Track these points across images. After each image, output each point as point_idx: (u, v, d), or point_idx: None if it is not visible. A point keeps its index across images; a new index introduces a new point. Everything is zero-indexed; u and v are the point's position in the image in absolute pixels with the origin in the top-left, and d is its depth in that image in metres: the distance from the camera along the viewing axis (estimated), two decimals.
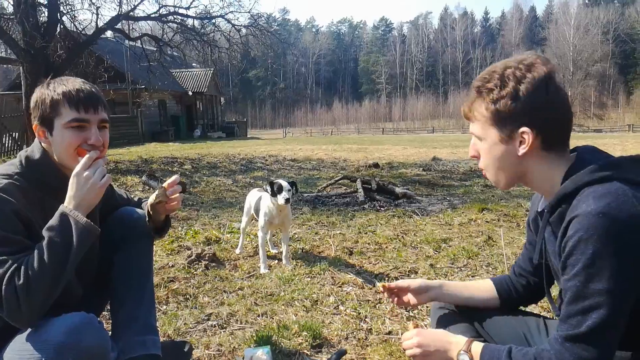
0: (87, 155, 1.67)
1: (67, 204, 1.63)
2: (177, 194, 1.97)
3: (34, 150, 1.75)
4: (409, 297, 1.89)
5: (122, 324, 1.98)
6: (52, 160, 1.74)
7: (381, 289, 1.89)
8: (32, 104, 1.75)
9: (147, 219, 2.08)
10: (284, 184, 3.95)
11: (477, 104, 1.42)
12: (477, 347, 1.43)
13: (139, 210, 2.14)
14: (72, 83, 1.75)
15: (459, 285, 1.88)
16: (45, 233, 1.58)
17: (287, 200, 3.90)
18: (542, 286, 1.60)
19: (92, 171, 1.65)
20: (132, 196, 2.30)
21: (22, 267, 1.51)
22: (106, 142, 1.80)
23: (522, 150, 1.38)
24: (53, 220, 1.60)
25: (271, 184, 3.98)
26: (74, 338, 1.52)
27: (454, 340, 1.50)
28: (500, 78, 1.37)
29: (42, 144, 1.76)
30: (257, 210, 4.29)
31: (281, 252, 4.24)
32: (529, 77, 1.33)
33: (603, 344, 1.24)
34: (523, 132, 1.36)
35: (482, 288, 1.83)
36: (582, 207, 1.25)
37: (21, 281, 1.49)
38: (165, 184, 1.97)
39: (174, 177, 1.98)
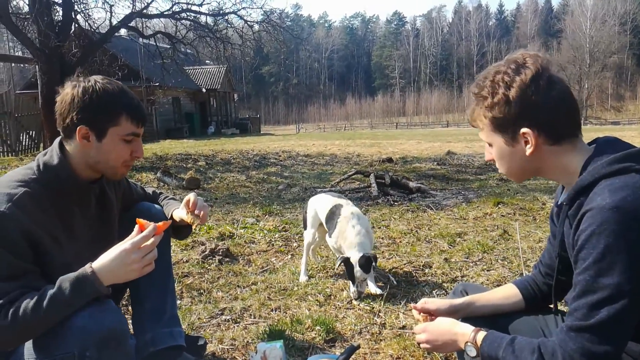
0: (143, 234, 1.58)
1: (97, 269, 1.54)
2: (203, 211, 2.00)
3: (53, 155, 1.72)
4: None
5: (148, 315, 2.04)
6: (70, 165, 1.71)
7: (414, 312, 1.78)
8: (79, 102, 1.65)
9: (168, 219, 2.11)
10: (358, 273, 3.10)
11: (477, 111, 1.44)
12: (481, 335, 1.44)
13: (155, 205, 2.17)
14: (129, 93, 1.75)
15: (484, 298, 1.77)
16: (59, 283, 1.52)
17: (358, 298, 3.14)
18: (567, 282, 1.51)
19: (140, 255, 1.57)
20: (147, 190, 2.32)
21: (13, 308, 1.48)
22: None
23: (528, 150, 1.38)
24: (73, 278, 1.53)
25: (344, 262, 3.17)
26: (95, 321, 1.52)
27: (460, 331, 1.50)
28: (491, 85, 1.38)
29: (66, 146, 1.72)
30: (331, 225, 3.52)
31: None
32: (517, 80, 1.35)
33: (610, 338, 1.21)
34: (524, 133, 1.37)
35: (507, 295, 1.76)
36: (597, 200, 1.22)
37: (8, 320, 1.46)
38: (185, 203, 2.02)
39: (193, 198, 2.01)
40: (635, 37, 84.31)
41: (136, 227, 1.62)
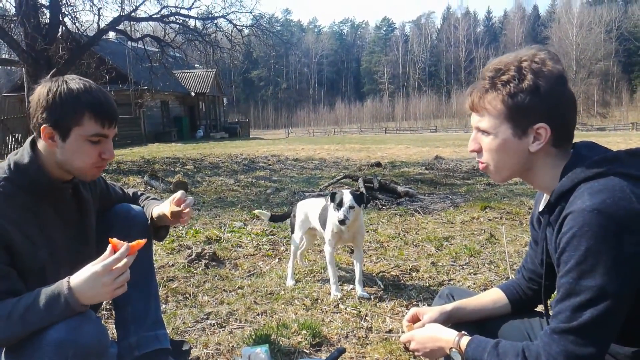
0: (115, 256, 1.51)
1: (74, 286, 1.48)
2: (188, 209, 1.97)
3: (24, 154, 1.68)
4: None
5: (132, 319, 2.00)
6: (41, 164, 1.68)
7: (405, 324, 1.75)
8: (42, 102, 1.62)
9: (148, 219, 2.08)
10: (346, 197, 3.17)
11: (490, 96, 1.34)
12: (465, 340, 1.43)
13: (135, 206, 2.12)
14: (95, 92, 1.66)
15: (474, 303, 1.77)
16: (35, 296, 1.48)
17: (342, 222, 3.14)
18: (553, 287, 1.48)
19: (111, 278, 1.50)
20: (128, 191, 2.29)
21: None
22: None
23: (536, 146, 1.33)
24: (49, 294, 1.48)
25: (332, 195, 3.25)
26: (73, 334, 1.47)
27: (445, 337, 1.50)
28: (518, 71, 1.31)
29: (38, 145, 1.68)
30: (323, 221, 3.49)
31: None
32: (547, 72, 1.30)
33: (593, 340, 1.20)
34: (540, 128, 1.31)
35: (495, 299, 1.75)
36: (577, 204, 1.22)
37: None
38: (172, 199, 1.98)
39: (179, 195, 1.98)
40: (620, 44, 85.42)
41: (109, 248, 1.55)
